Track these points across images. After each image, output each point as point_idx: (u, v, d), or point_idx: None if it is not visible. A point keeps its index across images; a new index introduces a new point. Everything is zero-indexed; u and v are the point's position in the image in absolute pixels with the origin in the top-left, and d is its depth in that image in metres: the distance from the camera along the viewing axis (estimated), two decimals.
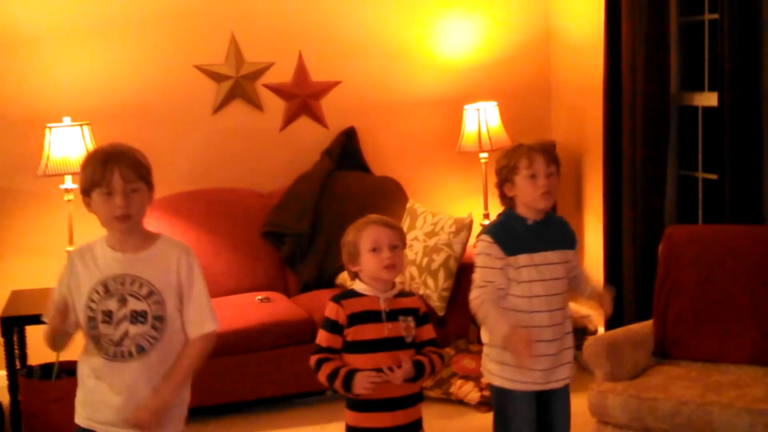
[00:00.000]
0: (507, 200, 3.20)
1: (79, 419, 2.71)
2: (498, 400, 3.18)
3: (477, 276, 3.11)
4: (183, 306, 2.69)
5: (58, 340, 2.65)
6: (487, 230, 3.16)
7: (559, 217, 3.37)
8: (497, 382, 3.14)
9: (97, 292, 2.62)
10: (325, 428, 4.43)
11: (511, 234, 3.11)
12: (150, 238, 2.72)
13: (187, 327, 2.70)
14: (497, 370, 3.12)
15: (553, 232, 3.18)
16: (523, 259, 3.07)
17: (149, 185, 2.69)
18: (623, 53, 4.87)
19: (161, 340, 2.65)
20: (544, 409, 3.17)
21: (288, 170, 5.49)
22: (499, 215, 3.26)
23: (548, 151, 3.16)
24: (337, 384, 2.80)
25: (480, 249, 3.12)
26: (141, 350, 2.63)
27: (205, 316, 2.71)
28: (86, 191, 2.66)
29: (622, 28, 4.88)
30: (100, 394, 2.65)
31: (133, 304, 2.62)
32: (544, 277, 3.08)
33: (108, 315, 2.62)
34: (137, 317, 2.62)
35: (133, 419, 2.61)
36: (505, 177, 3.17)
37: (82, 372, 2.70)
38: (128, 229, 2.65)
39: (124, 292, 2.62)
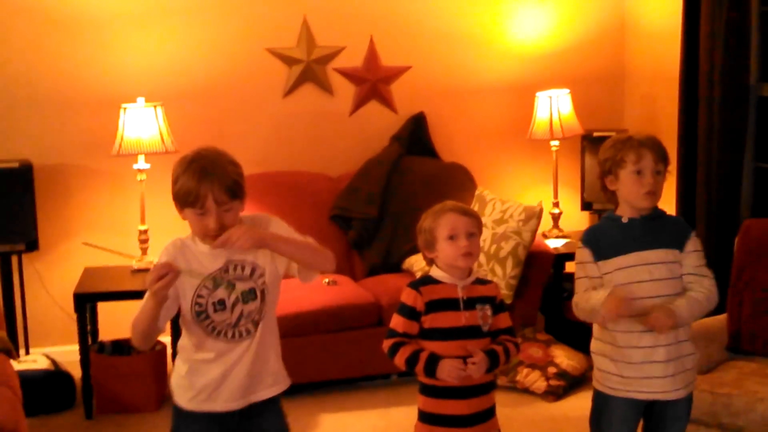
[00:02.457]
0: (608, 193, 3.04)
1: (191, 404, 2.74)
2: (596, 404, 3.09)
3: (576, 285, 3.03)
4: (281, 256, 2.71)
5: (150, 335, 2.65)
6: (582, 236, 3.05)
7: (673, 217, 3.14)
8: (597, 386, 3.06)
9: (206, 287, 2.65)
10: (389, 412, 4.44)
11: (603, 237, 2.98)
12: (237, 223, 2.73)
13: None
14: (597, 375, 3.04)
15: (658, 229, 2.98)
16: (613, 263, 2.93)
17: (242, 199, 2.67)
18: (701, 41, 4.78)
19: (268, 308, 2.73)
20: (657, 421, 3.02)
21: (357, 154, 5.50)
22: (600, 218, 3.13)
23: (659, 148, 2.96)
24: (419, 367, 2.79)
25: (576, 257, 3.04)
26: (256, 324, 2.70)
27: (307, 238, 2.77)
28: (179, 204, 2.63)
29: (701, 15, 4.78)
30: (223, 373, 2.69)
31: (241, 286, 2.67)
32: (643, 278, 2.91)
33: (221, 303, 2.66)
34: (248, 296, 2.68)
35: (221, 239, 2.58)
36: (608, 169, 2.99)
37: (195, 358, 2.72)
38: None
39: (230, 278, 2.66)
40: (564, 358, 4.73)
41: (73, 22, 5.11)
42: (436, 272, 2.88)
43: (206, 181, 2.56)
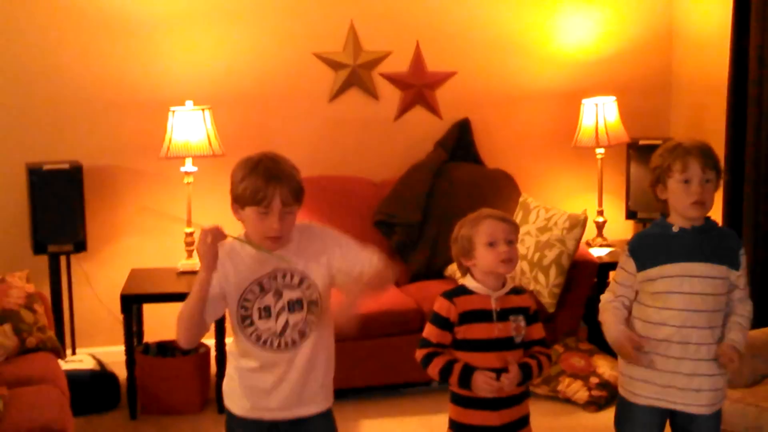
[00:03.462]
0: (660, 201, 3.01)
1: (241, 410, 2.77)
2: (619, 409, 3.11)
3: (612, 283, 3.05)
4: (340, 264, 2.70)
5: (196, 328, 2.64)
6: (630, 241, 3.04)
7: (726, 229, 3.12)
8: (621, 391, 3.07)
9: (252, 291, 2.67)
10: (430, 419, 4.44)
11: (652, 245, 2.97)
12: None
13: (355, 268, 2.69)
14: (621, 380, 3.05)
15: (707, 243, 2.94)
16: (656, 271, 2.92)
17: (301, 204, 2.70)
18: (750, 50, 4.73)
19: (318, 322, 2.72)
20: None
21: (401, 160, 5.51)
22: (651, 223, 3.12)
23: (708, 155, 2.92)
24: (453, 379, 2.79)
25: (620, 261, 3.04)
26: (303, 335, 2.71)
27: (368, 253, 2.73)
28: (240, 202, 2.65)
29: (750, 23, 4.73)
30: (266, 382, 2.71)
31: (288, 294, 2.68)
32: (682, 289, 2.89)
33: (266, 310, 2.68)
34: (294, 306, 2.68)
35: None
36: (657, 178, 2.97)
37: (242, 365, 2.74)
38: (276, 246, 2.67)
39: (278, 286, 2.68)
40: (606, 368, 4.71)
41: (122, 25, 5.18)
42: (470, 282, 2.88)
43: (274, 181, 2.61)
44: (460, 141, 5.60)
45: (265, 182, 2.60)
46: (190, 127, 4.87)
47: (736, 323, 2.95)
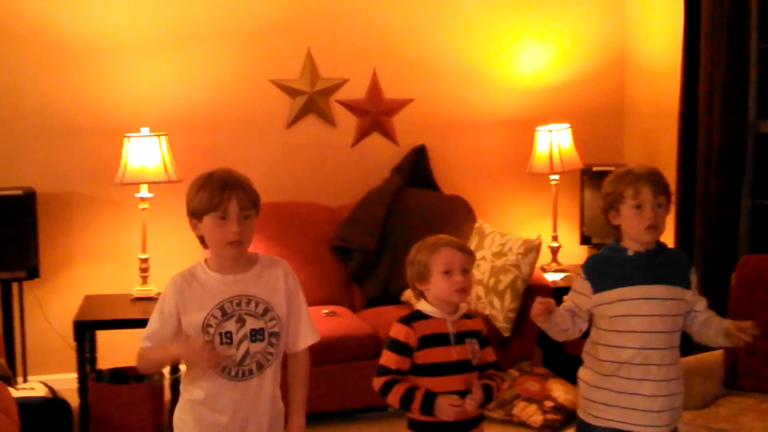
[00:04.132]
0: (613, 227, 3.03)
1: None
2: (578, 429, 3.11)
3: (564, 303, 3.06)
4: (290, 319, 2.77)
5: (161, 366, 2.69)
6: (584, 263, 3.04)
7: (675, 250, 3.15)
8: (581, 414, 3.08)
9: (215, 316, 2.65)
10: None
11: (607, 268, 2.97)
12: (251, 258, 2.76)
13: (296, 340, 2.79)
14: (582, 403, 3.05)
15: (662, 266, 2.97)
16: (614, 294, 2.93)
17: (258, 213, 2.72)
18: (701, 78, 4.83)
19: (277, 355, 2.74)
20: None
21: (358, 186, 5.53)
22: (603, 247, 3.12)
23: (658, 181, 2.95)
24: (415, 405, 2.77)
25: (574, 284, 3.04)
26: (260, 367, 2.71)
27: (311, 328, 2.83)
28: (197, 214, 2.67)
29: (700, 52, 4.83)
30: (214, 414, 2.70)
31: (251, 323, 2.68)
32: (641, 312, 2.90)
33: (228, 336, 2.66)
34: (256, 335, 2.68)
35: None
36: (610, 204, 2.99)
37: (193, 395, 2.73)
38: (238, 255, 2.69)
39: (241, 312, 2.67)
40: (561, 392, 4.73)
41: (79, 51, 5.17)
42: (425, 307, 2.88)
43: (229, 187, 2.64)
44: (416, 167, 5.64)
45: (221, 189, 2.63)
46: (146, 154, 4.86)
47: (714, 319, 3.00)
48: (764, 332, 3.80)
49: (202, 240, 2.73)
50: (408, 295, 5.08)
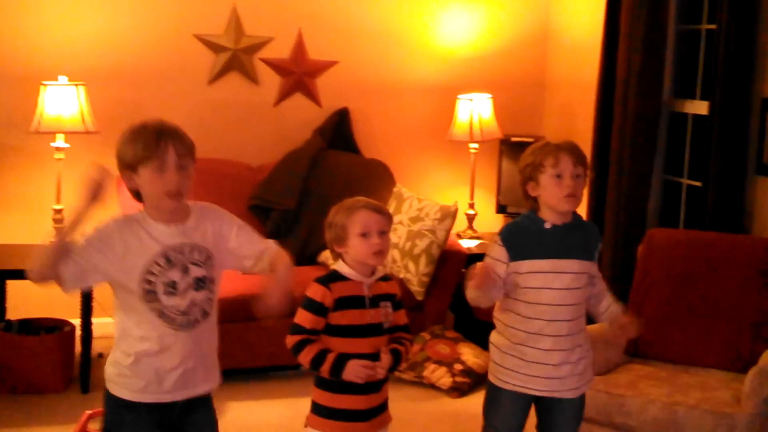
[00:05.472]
0: (530, 200, 3.06)
1: (131, 394, 2.66)
2: (488, 394, 3.19)
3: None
4: (234, 245, 2.71)
5: (48, 261, 2.50)
6: (501, 231, 3.07)
7: (589, 224, 3.22)
8: (490, 378, 3.16)
9: (158, 264, 2.58)
10: (297, 402, 4.40)
11: (523, 238, 3.02)
12: (184, 207, 2.68)
13: (261, 255, 2.75)
14: (492, 367, 3.14)
15: (575, 239, 3.04)
16: (527, 265, 2.99)
17: (194, 163, 2.66)
18: (619, 55, 4.93)
19: (215, 300, 2.71)
20: (545, 415, 3.14)
21: (279, 146, 5.52)
22: (520, 215, 3.16)
23: (577, 151, 3.00)
24: (325, 367, 2.80)
25: (489, 250, 3.06)
26: (205, 315, 2.68)
27: (262, 240, 2.79)
28: (131, 166, 2.57)
29: (620, 30, 4.93)
30: (166, 363, 2.64)
31: (195, 272, 2.63)
32: (553, 285, 2.98)
33: (172, 286, 2.60)
34: (200, 284, 2.64)
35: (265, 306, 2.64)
36: (529, 175, 3.02)
37: (137, 348, 2.63)
38: (176, 207, 2.62)
39: (185, 260, 2.61)
40: (470, 356, 4.84)
41: None
42: (343, 268, 2.89)
43: (165, 136, 2.57)
44: (338, 130, 5.65)
45: (156, 138, 2.55)
46: (62, 103, 4.77)
47: (604, 294, 3.15)
48: (665, 300, 3.98)
49: (135, 194, 2.64)
50: (325, 255, 5.11)
